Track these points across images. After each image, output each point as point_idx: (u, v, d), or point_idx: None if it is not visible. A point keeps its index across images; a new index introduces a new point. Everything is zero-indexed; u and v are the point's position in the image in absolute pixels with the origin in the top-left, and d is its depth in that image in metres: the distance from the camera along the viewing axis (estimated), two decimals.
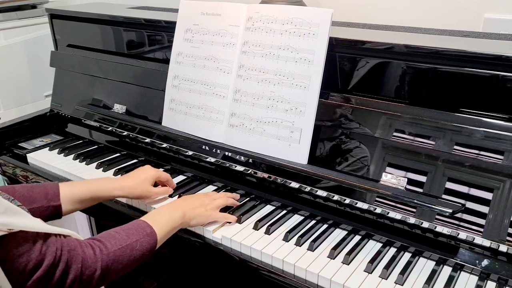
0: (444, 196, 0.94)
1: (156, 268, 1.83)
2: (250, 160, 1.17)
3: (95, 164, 1.38)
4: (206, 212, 1.05)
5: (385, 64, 1.03)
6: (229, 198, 1.13)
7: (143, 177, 1.14)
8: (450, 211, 0.91)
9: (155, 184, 1.19)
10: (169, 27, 1.33)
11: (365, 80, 1.06)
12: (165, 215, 1.00)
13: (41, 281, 0.74)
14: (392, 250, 0.99)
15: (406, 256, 0.98)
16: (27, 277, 0.72)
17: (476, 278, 0.91)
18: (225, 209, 1.11)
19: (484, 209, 0.90)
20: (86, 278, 0.80)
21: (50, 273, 0.75)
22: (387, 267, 0.92)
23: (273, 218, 1.10)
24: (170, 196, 1.20)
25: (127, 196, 1.13)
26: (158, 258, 1.82)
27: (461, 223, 0.92)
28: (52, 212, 1.02)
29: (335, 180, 1.04)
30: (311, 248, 0.99)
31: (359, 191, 1.02)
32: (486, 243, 0.89)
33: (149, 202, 1.17)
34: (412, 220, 0.97)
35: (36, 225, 0.75)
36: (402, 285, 0.89)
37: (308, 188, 1.09)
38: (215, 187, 1.25)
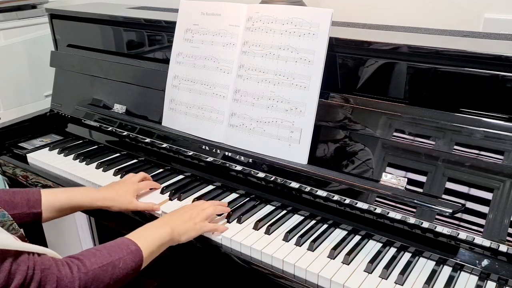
0: (444, 196, 0.94)
1: (156, 268, 1.83)
2: (250, 160, 1.17)
3: (95, 164, 1.38)
4: (195, 225, 1.02)
5: (385, 64, 1.03)
6: (218, 206, 1.10)
7: (125, 189, 1.14)
8: (450, 211, 0.91)
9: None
10: (169, 27, 1.33)
11: (365, 80, 1.06)
12: (152, 232, 0.96)
13: None
14: (392, 250, 1.00)
15: (406, 256, 0.98)
16: None
17: (476, 278, 0.91)
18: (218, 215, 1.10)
19: (484, 209, 0.90)
20: None
21: None
22: (387, 267, 0.93)
23: (273, 218, 1.10)
24: (171, 197, 1.20)
25: (108, 207, 1.11)
26: (159, 259, 1.82)
27: (461, 223, 0.92)
28: (33, 219, 1.02)
29: (335, 180, 1.04)
30: (311, 248, 0.99)
31: (359, 191, 1.02)
32: (486, 243, 0.89)
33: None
34: (412, 220, 0.97)
35: (6, 242, 0.71)
36: (402, 285, 0.89)
37: (308, 188, 1.09)
38: (215, 187, 1.25)
